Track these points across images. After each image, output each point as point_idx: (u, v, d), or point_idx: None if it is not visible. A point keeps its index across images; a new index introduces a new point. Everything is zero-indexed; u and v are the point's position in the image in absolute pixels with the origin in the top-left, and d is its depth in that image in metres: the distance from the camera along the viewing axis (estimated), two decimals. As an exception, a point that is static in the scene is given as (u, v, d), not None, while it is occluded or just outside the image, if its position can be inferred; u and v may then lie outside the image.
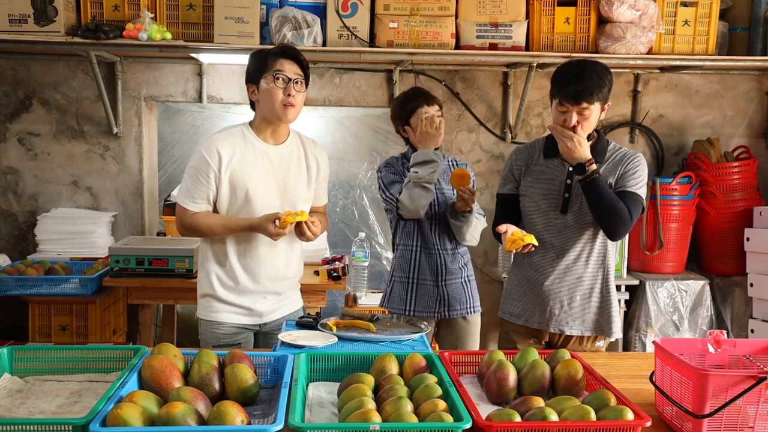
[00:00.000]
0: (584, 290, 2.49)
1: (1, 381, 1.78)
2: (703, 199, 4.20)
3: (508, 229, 2.33)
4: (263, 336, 2.56)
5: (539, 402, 1.65)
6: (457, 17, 3.85)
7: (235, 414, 1.48)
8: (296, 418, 1.46)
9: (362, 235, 3.81)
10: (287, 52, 2.40)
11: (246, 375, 1.69)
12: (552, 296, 2.49)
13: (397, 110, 2.88)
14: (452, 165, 2.94)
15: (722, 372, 1.65)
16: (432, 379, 1.71)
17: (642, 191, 2.45)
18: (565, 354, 1.91)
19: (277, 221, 2.29)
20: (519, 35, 3.84)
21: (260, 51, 2.44)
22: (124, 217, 4.25)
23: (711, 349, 1.83)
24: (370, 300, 3.76)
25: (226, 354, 1.80)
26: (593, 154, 2.45)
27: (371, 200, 5.03)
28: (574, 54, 3.76)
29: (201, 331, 2.52)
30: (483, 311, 3.00)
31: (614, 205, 2.36)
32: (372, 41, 3.85)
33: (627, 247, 4.16)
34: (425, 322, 2.37)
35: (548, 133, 2.55)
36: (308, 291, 3.38)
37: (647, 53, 3.88)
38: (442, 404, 1.55)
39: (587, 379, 1.82)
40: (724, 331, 1.88)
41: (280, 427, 1.42)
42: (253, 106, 2.48)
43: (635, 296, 4.15)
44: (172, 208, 4.14)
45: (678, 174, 4.18)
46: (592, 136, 2.46)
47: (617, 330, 2.52)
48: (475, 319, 2.94)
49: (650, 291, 4.06)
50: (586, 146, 2.34)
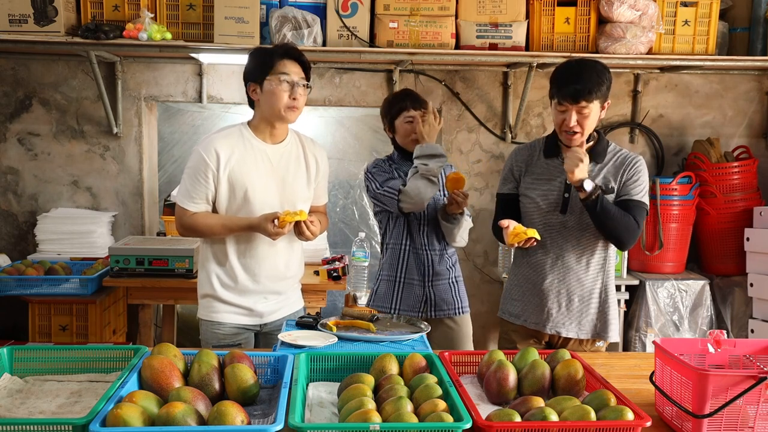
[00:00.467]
0: (583, 292, 2.48)
1: (1, 381, 1.78)
2: (703, 199, 4.20)
3: (510, 224, 2.33)
4: (264, 336, 2.56)
5: (539, 402, 1.65)
6: (457, 17, 3.85)
7: (235, 414, 1.48)
8: (296, 418, 1.46)
9: (362, 235, 3.79)
10: (291, 52, 2.38)
11: (246, 375, 1.69)
12: (551, 297, 2.49)
13: (385, 110, 2.92)
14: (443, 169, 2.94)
15: (722, 372, 1.65)
16: (432, 379, 1.71)
17: (646, 198, 2.46)
18: (565, 354, 1.91)
19: (275, 221, 2.29)
20: (519, 35, 3.84)
21: (262, 49, 2.43)
22: (124, 217, 4.25)
23: (711, 349, 1.83)
24: (367, 299, 3.75)
25: (226, 354, 1.80)
26: (593, 155, 2.45)
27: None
28: (574, 54, 3.76)
29: (202, 332, 2.52)
30: (483, 311, 3.00)
31: (621, 220, 2.36)
32: (372, 41, 3.85)
33: (627, 247, 4.16)
34: (425, 322, 2.37)
35: (548, 133, 2.56)
36: (308, 291, 3.37)
37: (647, 53, 3.88)
38: (442, 404, 1.55)
39: (587, 379, 1.82)
40: (724, 331, 1.88)
41: (280, 427, 1.42)
42: (251, 104, 2.47)
43: (635, 296, 4.15)
44: (172, 208, 4.13)
45: (678, 174, 4.18)
46: (592, 137, 2.46)
47: (614, 334, 2.52)
48: (463, 320, 2.93)
49: (650, 291, 4.06)
50: (584, 168, 2.29)
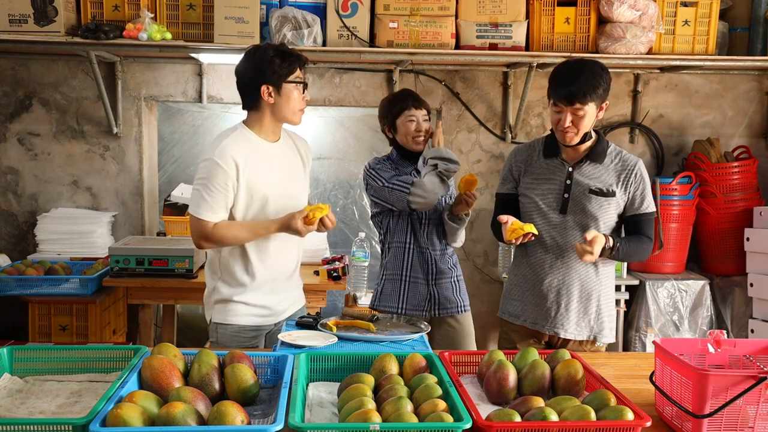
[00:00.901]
0: (583, 292, 2.48)
1: (1, 381, 1.78)
2: (703, 199, 4.20)
3: (509, 220, 2.34)
4: (270, 336, 2.54)
5: (539, 402, 1.65)
6: (457, 17, 3.85)
7: (235, 414, 1.48)
8: (296, 418, 1.46)
9: (362, 235, 3.80)
10: (302, 59, 2.41)
11: (246, 375, 1.69)
12: (550, 297, 2.49)
13: (385, 110, 2.92)
14: None
15: (722, 372, 1.65)
16: (432, 379, 1.71)
17: (652, 205, 2.49)
18: (565, 354, 1.91)
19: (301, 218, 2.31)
20: (519, 35, 3.84)
21: (278, 52, 2.37)
22: (124, 217, 4.25)
23: (711, 349, 1.83)
24: (370, 300, 3.75)
25: (226, 354, 1.80)
26: (593, 156, 2.45)
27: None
28: (574, 54, 3.76)
29: (218, 335, 2.47)
30: (483, 311, 3.00)
31: (638, 251, 2.45)
32: (372, 41, 3.85)
33: (627, 247, 4.16)
34: (425, 322, 2.38)
35: (548, 133, 2.56)
36: (308, 291, 3.35)
37: (647, 53, 3.88)
38: (442, 404, 1.55)
39: (587, 379, 1.83)
40: (724, 331, 1.88)
41: (280, 427, 1.42)
42: (249, 106, 2.43)
43: (635, 296, 4.15)
44: (172, 208, 4.14)
45: (678, 174, 4.18)
46: (590, 137, 2.46)
47: (611, 336, 2.53)
48: (465, 318, 2.94)
49: (650, 291, 4.06)
50: (597, 249, 2.30)
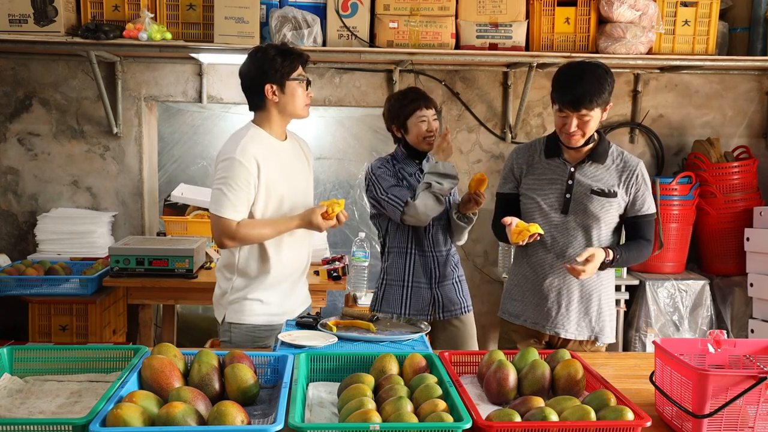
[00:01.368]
0: (583, 293, 2.48)
1: (1, 381, 1.78)
2: (703, 199, 4.20)
3: (513, 221, 2.34)
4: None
5: (539, 402, 1.65)
6: (457, 17, 3.85)
7: (235, 414, 1.48)
8: (296, 418, 1.46)
9: (362, 235, 3.80)
10: (304, 56, 2.45)
11: (246, 375, 1.69)
12: (550, 297, 2.48)
13: (394, 110, 2.86)
14: None
15: (722, 372, 1.65)
16: (432, 379, 1.71)
17: (653, 207, 2.49)
18: (565, 354, 1.91)
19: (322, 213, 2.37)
20: (519, 35, 3.84)
21: (280, 51, 2.42)
22: (124, 217, 4.25)
23: (711, 349, 1.83)
24: (370, 300, 3.75)
25: (226, 354, 1.80)
26: (595, 156, 2.45)
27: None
28: (574, 54, 3.76)
29: (232, 335, 2.47)
30: (483, 311, 3.00)
31: (637, 256, 2.46)
32: (372, 41, 3.85)
33: (627, 247, 4.16)
34: (425, 322, 2.37)
35: (548, 132, 2.56)
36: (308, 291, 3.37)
37: (647, 53, 3.88)
38: (442, 404, 1.55)
39: (587, 379, 1.83)
40: (724, 331, 1.88)
41: (280, 427, 1.42)
42: (255, 107, 2.47)
43: (635, 296, 4.15)
44: (172, 208, 4.14)
45: (678, 174, 4.18)
46: (593, 139, 2.45)
47: (611, 336, 2.53)
48: (468, 318, 2.95)
49: (650, 291, 4.06)
50: (594, 266, 2.31)
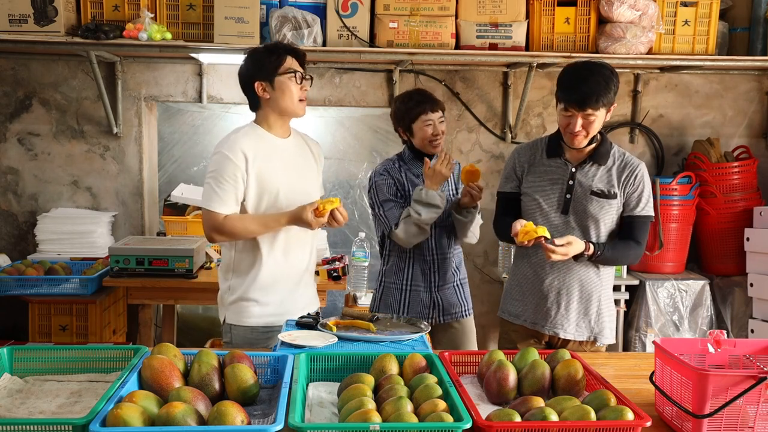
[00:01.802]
0: (583, 293, 2.48)
1: (1, 381, 1.78)
2: (703, 199, 4.20)
3: (522, 221, 2.32)
4: None
5: (539, 402, 1.65)
6: (457, 17, 3.85)
7: (235, 414, 1.48)
8: (296, 418, 1.46)
9: (362, 235, 3.80)
10: (293, 49, 2.44)
11: (246, 375, 1.69)
12: (550, 297, 2.48)
13: (400, 112, 2.83)
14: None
15: (722, 372, 1.65)
16: (432, 379, 1.71)
17: (650, 209, 2.47)
18: (565, 354, 1.91)
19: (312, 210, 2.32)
20: (519, 35, 3.84)
21: (266, 49, 2.44)
22: (124, 217, 4.25)
23: (711, 349, 1.83)
24: (370, 300, 3.75)
25: (226, 354, 1.80)
26: (597, 157, 2.44)
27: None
28: (574, 54, 3.76)
29: (232, 336, 2.47)
30: (483, 311, 3.00)
31: (623, 256, 2.46)
32: (372, 41, 3.85)
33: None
34: (425, 322, 2.37)
35: (548, 133, 2.55)
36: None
37: (647, 53, 3.87)
38: (442, 404, 1.55)
39: (587, 379, 1.82)
40: (724, 331, 1.88)
41: (280, 427, 1.42)
42: (253, 105, 2.48)
43: (635, 296, 4.15)
44: (172, 208, 4.14)
45: (678, 174, 4.18)
46: (595, 139, 2.45)
47: (610, 337, 2.53)
48: (468, 322, 2.93)
49: (650, 291, 4.05)
50: (574, 247, 2.31)
